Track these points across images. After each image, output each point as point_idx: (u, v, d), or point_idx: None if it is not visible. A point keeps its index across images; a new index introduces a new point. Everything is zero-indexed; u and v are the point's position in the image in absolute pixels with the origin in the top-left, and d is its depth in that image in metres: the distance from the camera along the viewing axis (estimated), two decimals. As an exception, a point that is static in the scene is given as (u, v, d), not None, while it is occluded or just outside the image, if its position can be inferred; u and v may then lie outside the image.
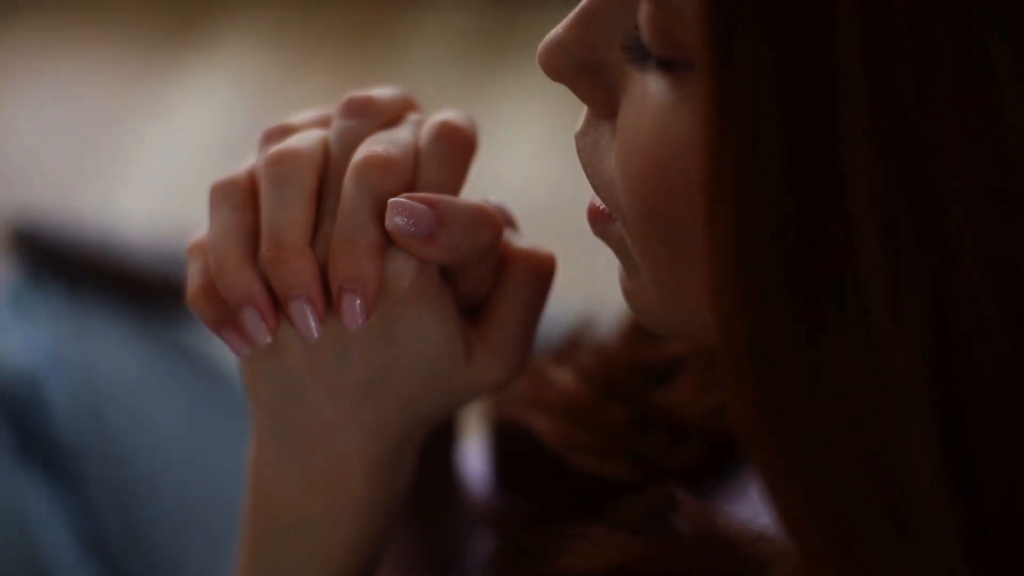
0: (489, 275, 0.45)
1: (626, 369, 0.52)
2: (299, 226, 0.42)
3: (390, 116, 0.46)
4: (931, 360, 0.30)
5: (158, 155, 1.76)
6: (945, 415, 0.30)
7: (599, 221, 0.41)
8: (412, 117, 0.46)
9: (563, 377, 0.53)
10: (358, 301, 0.41)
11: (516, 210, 0.48)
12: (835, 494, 0.32)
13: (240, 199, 0.43)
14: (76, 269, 0.90)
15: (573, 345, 0.55)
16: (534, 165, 1.62)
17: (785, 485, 0.33)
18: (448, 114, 0.46)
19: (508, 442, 0.55)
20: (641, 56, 0.36)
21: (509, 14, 1.89)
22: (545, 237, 0.49)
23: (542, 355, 0.54)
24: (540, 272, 0.45)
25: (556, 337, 0.55)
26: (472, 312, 0.46)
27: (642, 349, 0.52)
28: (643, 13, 0.35)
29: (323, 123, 0.47)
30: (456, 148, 0.44)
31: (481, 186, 0.46)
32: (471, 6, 1.94)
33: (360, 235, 0.42)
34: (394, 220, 0.41)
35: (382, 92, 0.47)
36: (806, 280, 0.30)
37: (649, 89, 0.36)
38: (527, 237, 0.47)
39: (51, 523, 0.79)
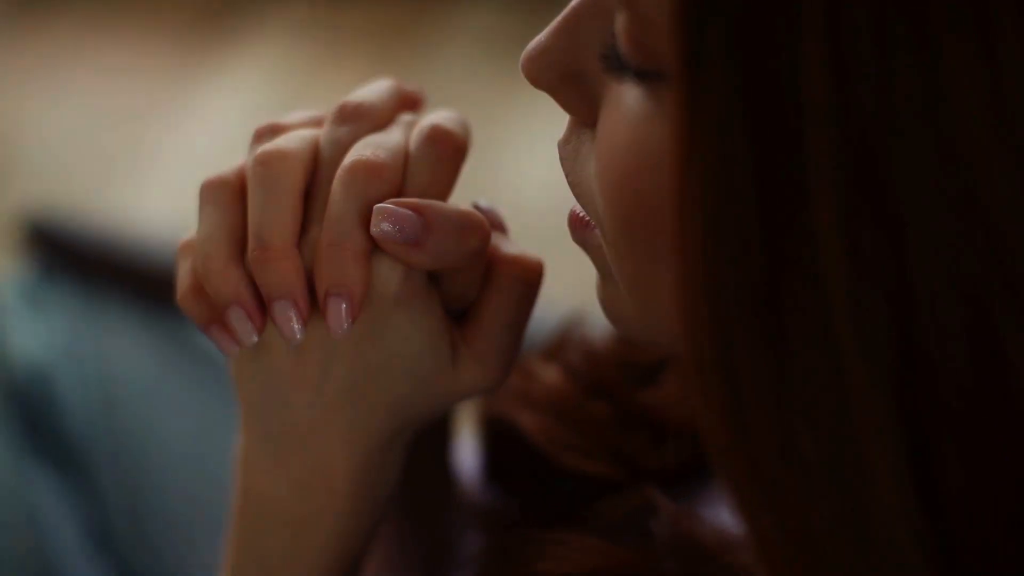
0: (476, 280, 0.45)
1: (613, 368, 0.52)
2: (285, 228, 0.42)
3: (383, 119, 0.46)
4: (895, 380, 0.30)
5: (186, 151, 1.77)
6: (910, 434, 0.30)
7: (578, 228, 0.41)
8: (405, 118, 0.46)
9: (549, 374, 0.53)
10: (343, 306, 0.42)
11: (544, 207, 0.48)
12: (800, 511, 0.32)
13: (228, 199, 0.44)
14: (91, 265, 0.90)
15: (563, 342, 0.55)
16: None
17: (751, 500, 0.33)
18: (439, 116, 0.46)
19: (497, 438, 0.55)
20: (618, 66, 0.36)
21: (540, 13, 1.87)
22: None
23: (532, 352, 0.54)
24: (527, 279, 0.45)
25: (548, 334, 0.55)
26: (459, 316, 0.46)
27: (630, 349, 0.52)
28: (619, 24, 0.35)
29: (316, 124, 0.47)
30: (446, 152, 0.44)
31: (514, 182, 0.46)
32: (502, 4, 1.93)
33: (346, 240, 0.42)
34: (380, 226, 0.42)
35: (375, 92, 0.47)
36: (771, 298, 0.30)
37: (625, 99, 0.36)
38: (546, 235, 0.47)
39: (60, 516, 0.80)
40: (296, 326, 0.42)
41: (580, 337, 0.54)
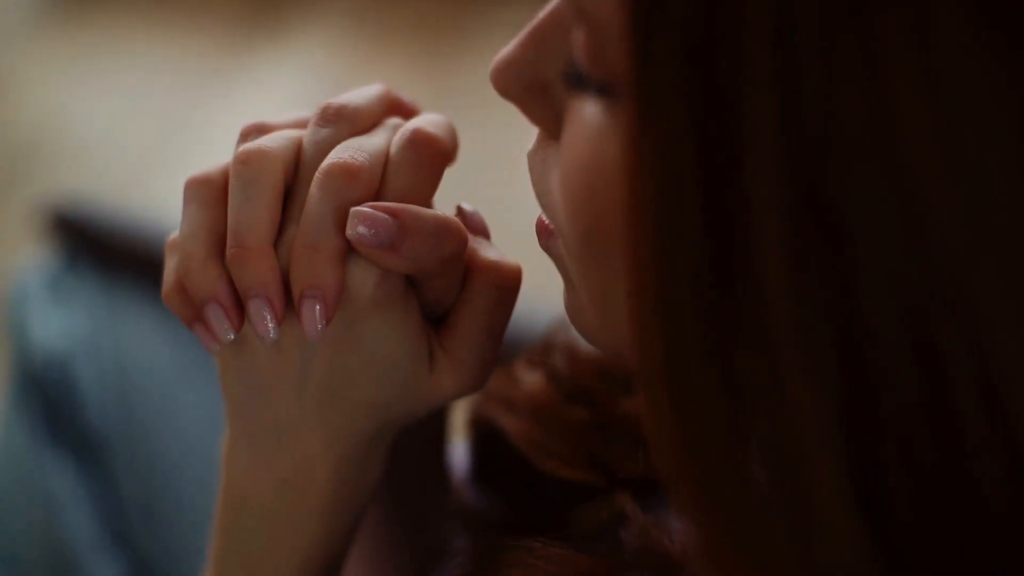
0: (454, 285, 0.45)
1: (595, 375, 0.52)
2: (262, 227, 0.42)
3: (367, 122, 0.46)
4: (839, 398, 0.30)
5: (225, 145, 1.77)
6: (854, 452, 0.30)
7: (543, 236, 0.41)
8: (390, 122, 0.46)
9: (531, 378, 0.53)
10: (317, 307, 0.42)
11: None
12: (748, 525, 0.32)
13: (210, 196, 0.44)
14: (114, 256, 0.91)
15: (548, 346, 0.55)
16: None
17: (699, 512, 0.33)
18: (424, 120, 0.46)
19: (484, 441, 0.55)
20: (577, 80, 0.36)
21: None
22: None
23: (518, 355, 0.54)
24: (504, 284, 0.45)
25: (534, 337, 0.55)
26: (438, 321, 0.46)
27: (612, 355, 0.52)
28: (576, 38, 0.35)
29: (303, 125, 0.47)
30: (426, 156, 0.44)
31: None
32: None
33: (321, 242, 0.42)
34: (356, 230, 0.42)
35: (361, 95, 0.47)
36: (719, 316, 0.30)
37: (585, 114, 0.36)
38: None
39: (76, 504, 0.81)
40: (270, 325, 0.42)
41: (565, 342, 0.54)
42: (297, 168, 0.44)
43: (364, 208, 0.42)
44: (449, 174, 0.46)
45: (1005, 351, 0.28)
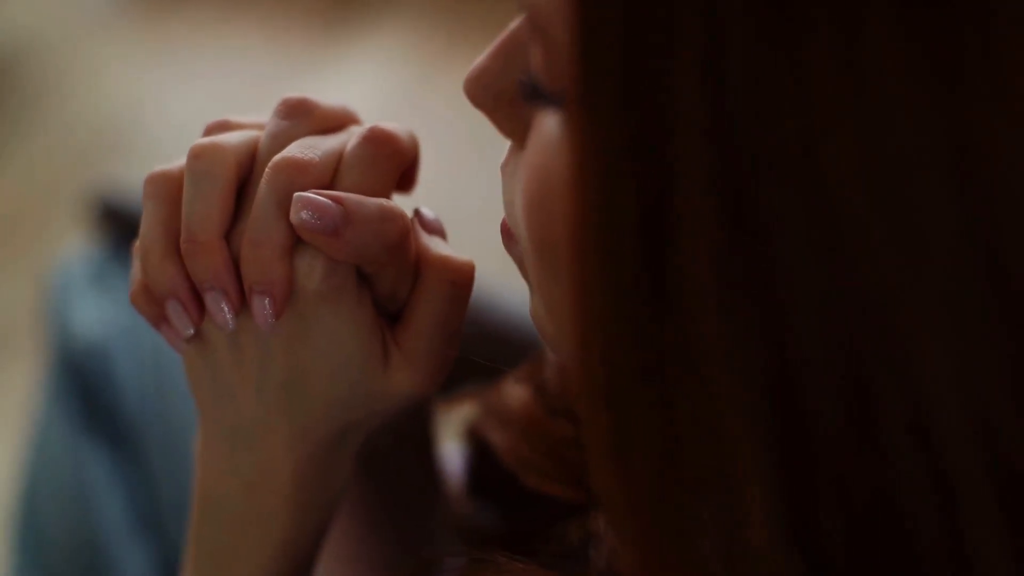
0: (405, 279, 0.45)
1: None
2: (211, 221, 0.43)
3: (327, 122, 0.46)
4: (771, 427, 0.29)
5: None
6: (787, 484, 0.30)
7: (505, 238, 0.41)
8: (352, 128, 0.47)
9: (517, 392, 0.53)
10: (267, 301, 0.42)
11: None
12: (679, 551, 0.31)
13: (167, 192, 0.44)
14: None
15: (539, 360, 0.54)
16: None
17: (630, 534, 0.32)
18: (384, 123, 0.46)
19: (477, 453, 0.55)
20: (534, 93, 0.36)
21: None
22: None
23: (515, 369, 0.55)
24: (455, 280, 0.45)
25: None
26: (395, 320, 0.46)
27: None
28: (534, 50, 0.35)
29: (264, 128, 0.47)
30: (381, 153, 0.44)
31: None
32: None
33: (267, 236, 0.42)
34: (299, 215, 0.42)
35: (328, 99, 0.47)
36: (654, 335, 0.30)
37: (543, 125, 0.36)
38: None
39: (108, 492, 0.82)
40: (228, 316, 0.43)
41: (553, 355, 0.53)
42: (253, 162, 0.45)
43: (307, 194, 0.42)
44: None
45: (934, 385, 0.27)
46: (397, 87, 1.85)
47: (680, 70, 0.28)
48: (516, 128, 0.39)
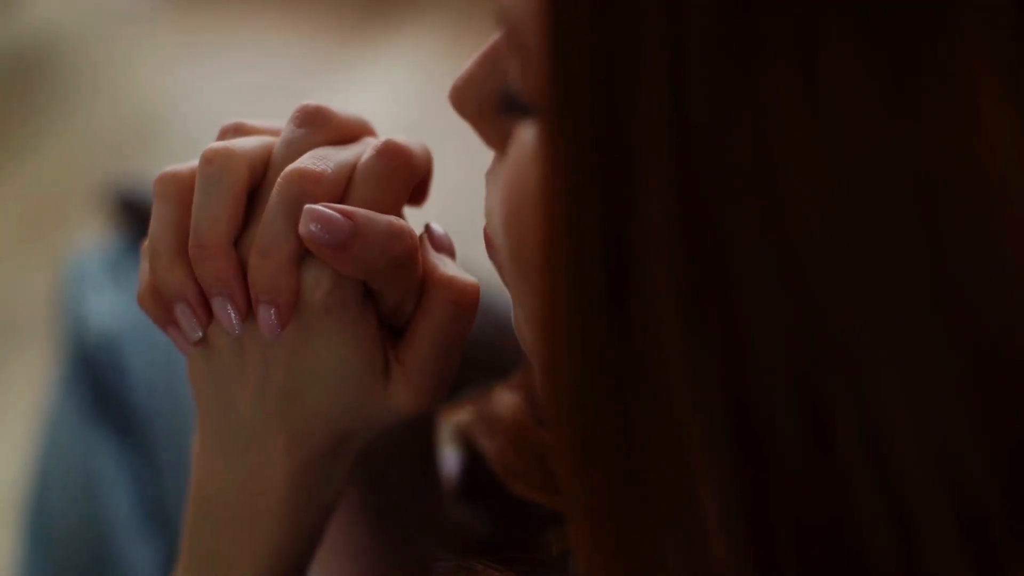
0: (411, 295, 0.45)
1: None
2: (221, 226, 0.43)
3: (343, 133, 0.46)
4: (731, 449, 0.29)
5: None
6: (747, 508, 0.30)
7: (489, 248, 0.41)
8: (367, 140, 0.46)
9: (506, 399, 0.53)
10: (273, 311, 0.42)
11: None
12: (642, 564, 0.31)
13: (177, 194, 0.44)
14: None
15: (530, 367, 0.54)
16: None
17: (592, 544, 0.32)
18: (399, 137, 0.45)
19: (469, 459, 0.55)
20: (511, 103, 0.36)
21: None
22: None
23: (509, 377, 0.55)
24: (459, 300, 0.45)
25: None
26: (399, 337, 0.46)
27: None
28: (513, 63, 0.35)
29: (280, 134, 0.47)
30: (393, 167, 0.44)
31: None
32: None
33: (275, 247, 0.42)
34: (308, 227, 0.42)
35: (343, 109, 0.47)
36: (615, 354, 0.30)
37: (521, 136, 0.36)
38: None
39: (115, 483, 0.82)
40: (235, 321, 0.43)
41: None
42: (267, 169, 0.44)
43: (317, 206, 0.42)
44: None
45: (891, 411, 0.27)
46: (427, 84, 1.85)
47: (644, 86, 0.28)
48: (499, 138, 0.39)
